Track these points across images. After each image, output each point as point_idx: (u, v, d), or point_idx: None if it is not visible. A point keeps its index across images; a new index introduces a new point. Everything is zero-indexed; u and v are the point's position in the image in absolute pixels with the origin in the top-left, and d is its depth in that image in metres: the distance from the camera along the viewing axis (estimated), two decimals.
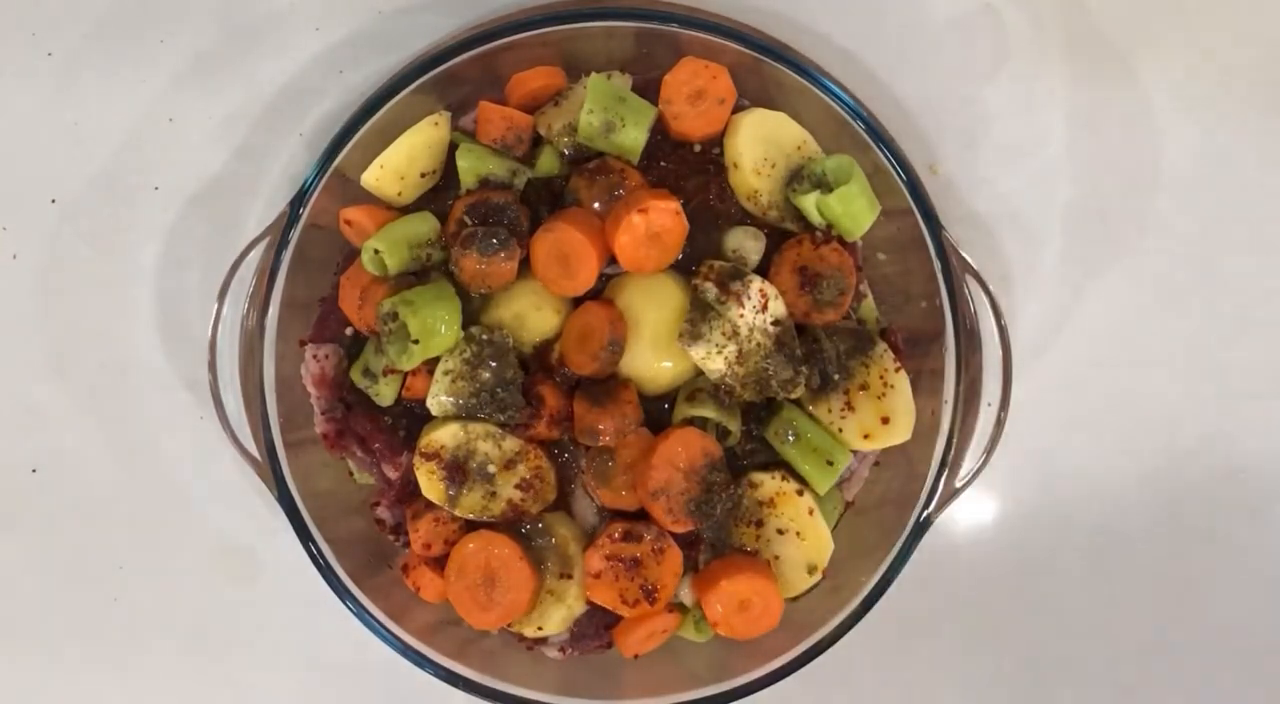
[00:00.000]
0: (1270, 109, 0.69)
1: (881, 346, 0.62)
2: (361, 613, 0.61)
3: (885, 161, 0.61)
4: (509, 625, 0.62)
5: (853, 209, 0.60)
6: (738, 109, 0.62)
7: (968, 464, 0.62)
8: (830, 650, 0.61)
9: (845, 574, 0.63)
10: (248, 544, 0.68)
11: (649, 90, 0.62)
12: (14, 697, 0.67)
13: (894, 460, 0.65)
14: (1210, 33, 0.69)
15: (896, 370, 0.62)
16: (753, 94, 0.63)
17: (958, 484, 0.61)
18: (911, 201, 0.61)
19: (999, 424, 0.62)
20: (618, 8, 0.61)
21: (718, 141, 0.62)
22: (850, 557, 0.63)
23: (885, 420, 0.62)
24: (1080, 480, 0.70)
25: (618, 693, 0.64)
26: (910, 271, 0.63)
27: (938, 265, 0.61)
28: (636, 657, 0.64)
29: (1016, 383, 0.62)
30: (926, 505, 0.61)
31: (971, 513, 0.69)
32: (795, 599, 0.63)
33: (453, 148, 0.62)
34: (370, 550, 0.64)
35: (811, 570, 0.62)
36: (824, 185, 0.61)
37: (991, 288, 0.62)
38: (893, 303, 0.65)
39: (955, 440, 0.60)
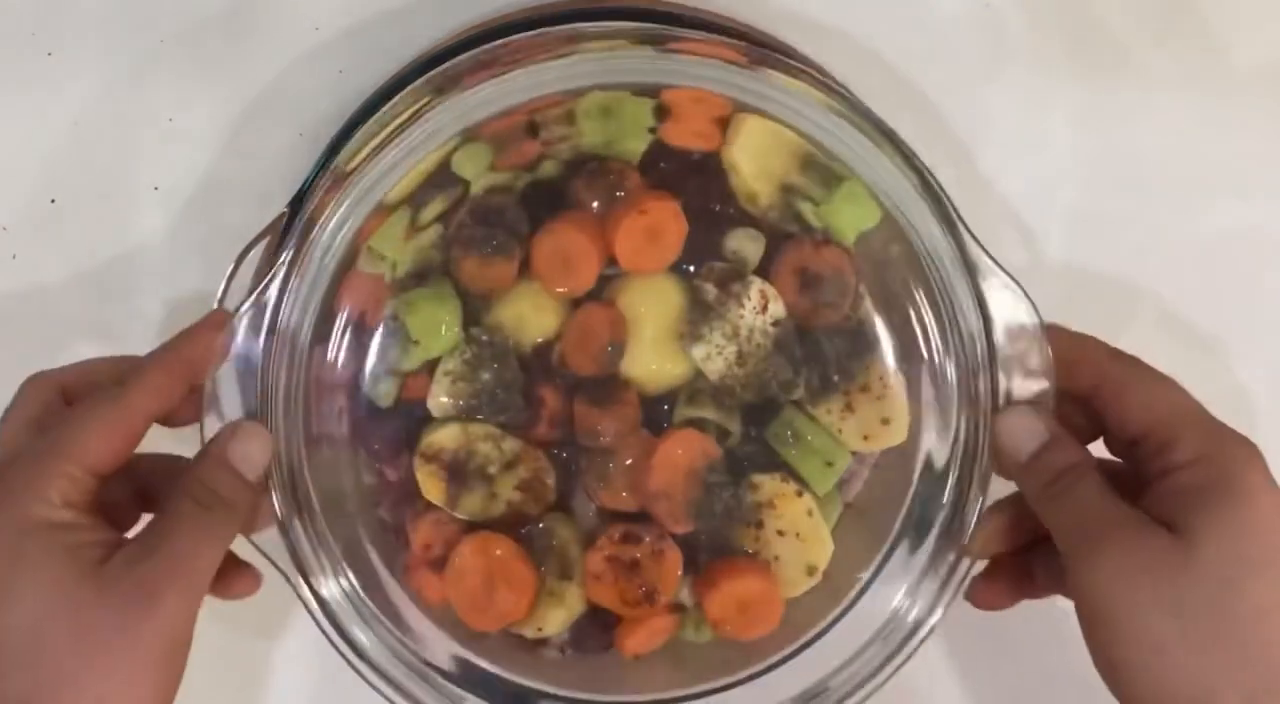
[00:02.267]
0: (1275, 109, 0.69)
1: (881, 347, 0.62)
2: None
3: (888, 159, 0.60)
4: (509, 627, 0.62)
5: (853, 210, 0.60)
6: (737, 110, 0.62)
7: None
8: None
9: (845, 575, 0.63)
10: (247, 544, 0.68)
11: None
12: None
13: (894, 461, 0.65)
14: (1214, 32, 0.68)
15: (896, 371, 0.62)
16: (752, 94, 0.63)
17: None
18: (913, 200, 0.60)
19: None
20: (618, 7, 0.61)
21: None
22: (850, 557, 0.63)
23: (885, 421, 0.62)
24: None
25: (619, 688, 0.64)
26: (908, 272, 0.63)
27: (938, 266, 0.60)
28: (637, 657, 0.64)
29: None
30: None
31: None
32: (795, 599, 0.63)
33: None
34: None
35: (811, 571, 0.62)
36: (824, 186, 0.61)
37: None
38: (892, 303, 0.65)
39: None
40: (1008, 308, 0.57)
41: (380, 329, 0.60)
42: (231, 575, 0.57)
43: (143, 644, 0.46)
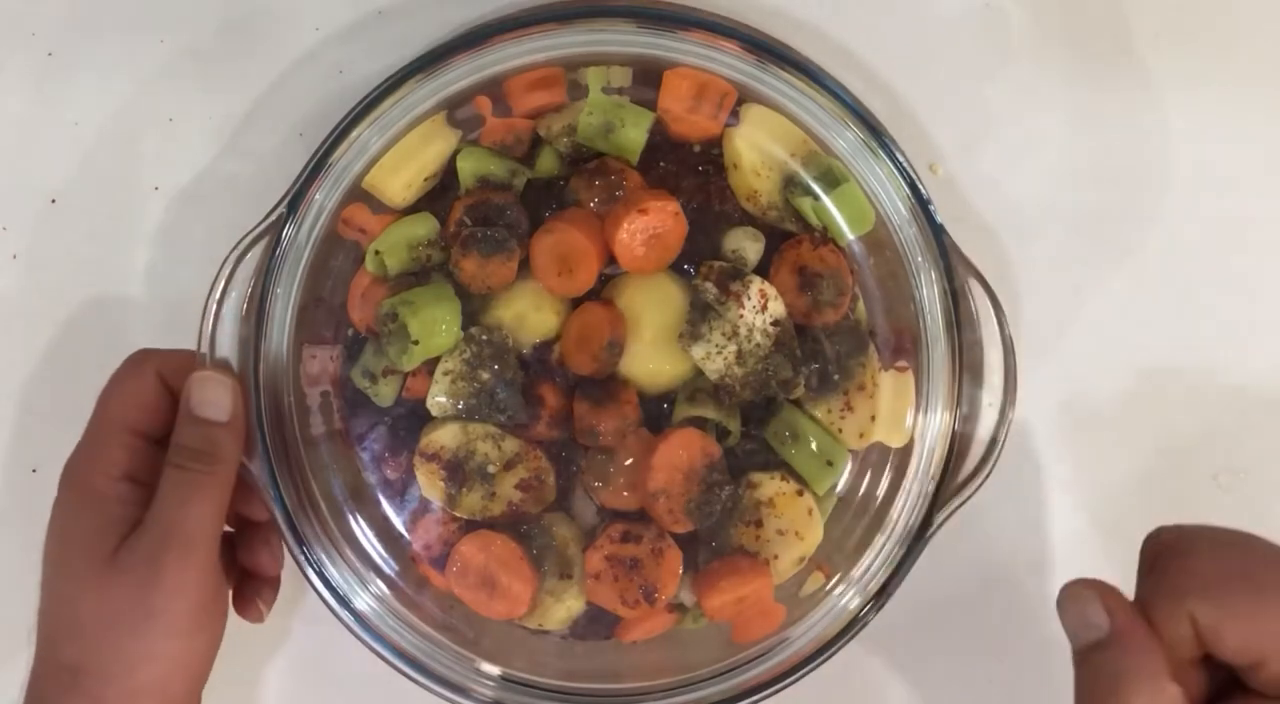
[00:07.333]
0: (1275, 109, 0.69)
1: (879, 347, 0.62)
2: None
3: (885, 161, 0.60)
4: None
5: (852, 209, 0.60)
6: (737, 109, 0.62)
7: (969, 465, 0.61)
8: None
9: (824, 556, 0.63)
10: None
11: (649, 81, 0.61)
12: (15, 697, 0.67)
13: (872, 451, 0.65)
14: (1213, 31, 0.68)
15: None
16: (752, 94, 0.63)
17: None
18: (912, 202, 0.61)
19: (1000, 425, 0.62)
20: (617, 6, 0.61)
21: (717, 142, 0.62)
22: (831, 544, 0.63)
23: (885, 420, 0.62)
24: (1081, 480, 0.69)
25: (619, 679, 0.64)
26: (908, 272, 0.63)
27: (938, 265, 0.61)
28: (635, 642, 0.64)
29: (1017, 383, 0.62)
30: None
31: (972, 513, 0.68)
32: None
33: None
34: None
35: (801, 561, 0.62)
36: (822, 185, 0.61)
37: (993, 288, 0.61)
38: (891, 304, 0.65)
39: (956, 441, 0.60)
40: (984, 313, 0.59)
41: (380, 328, 0.60)
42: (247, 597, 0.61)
43: (158, 612, 0.51)
